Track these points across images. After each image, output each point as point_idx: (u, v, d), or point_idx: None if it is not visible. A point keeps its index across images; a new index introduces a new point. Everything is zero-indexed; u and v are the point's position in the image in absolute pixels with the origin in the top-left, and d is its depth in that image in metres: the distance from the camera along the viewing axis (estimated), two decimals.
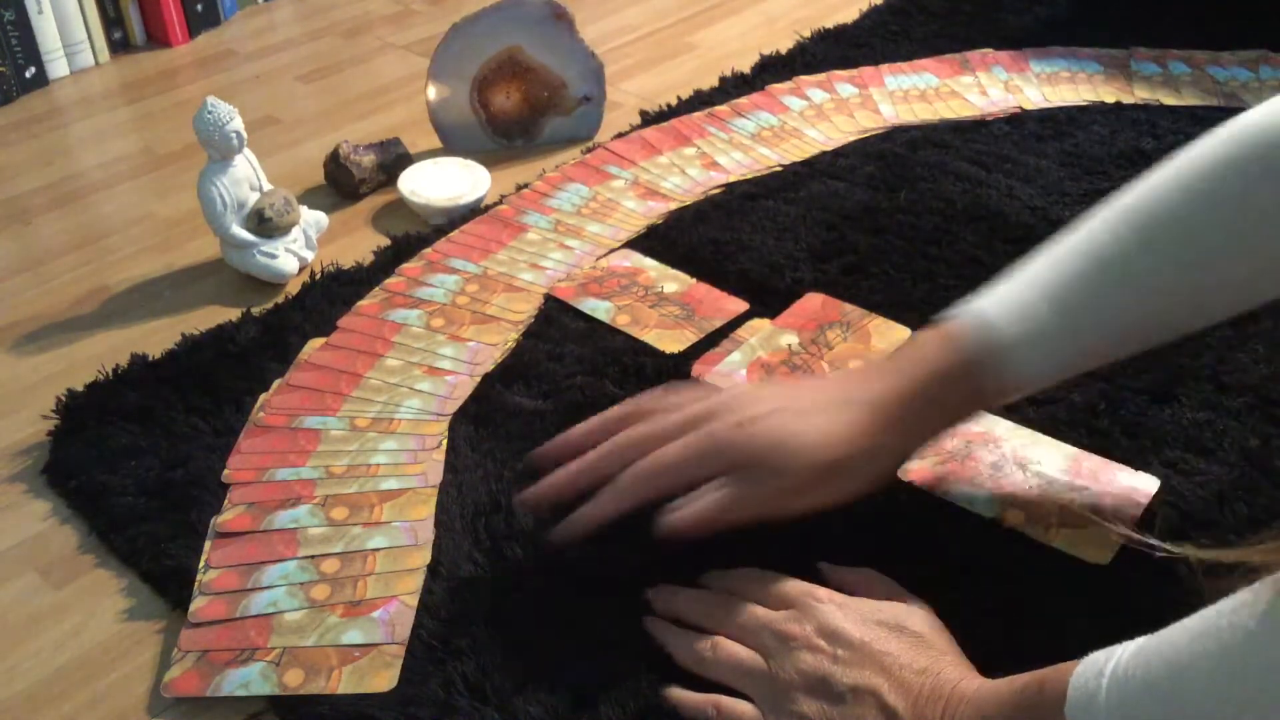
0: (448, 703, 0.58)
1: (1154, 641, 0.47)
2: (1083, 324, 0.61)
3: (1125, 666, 0.47)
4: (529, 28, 1.05)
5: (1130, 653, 0.48)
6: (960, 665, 0.57)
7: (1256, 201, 0.59)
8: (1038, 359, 0.62)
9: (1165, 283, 0.61)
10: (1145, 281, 0.61)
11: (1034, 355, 0.61)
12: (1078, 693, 0.48)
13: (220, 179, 0.88)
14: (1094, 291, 0.61)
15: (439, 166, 1.01)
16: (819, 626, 0.58)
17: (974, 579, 0.64)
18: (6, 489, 0.73)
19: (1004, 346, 0.61)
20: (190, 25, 1.31)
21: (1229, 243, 0.60)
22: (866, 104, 1.13)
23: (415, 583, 0.64)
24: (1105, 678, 0.48)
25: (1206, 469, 0.71)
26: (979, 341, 0.61)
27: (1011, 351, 0.61)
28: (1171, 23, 1.27)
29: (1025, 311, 0.61)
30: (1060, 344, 0.62)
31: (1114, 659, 0.48)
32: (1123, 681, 0.47)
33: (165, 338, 0.83)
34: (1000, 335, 0.61)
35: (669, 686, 0.58)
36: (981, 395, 0.63)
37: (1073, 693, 0.48)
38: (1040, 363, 0.62)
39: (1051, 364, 0.63)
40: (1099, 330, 0.62)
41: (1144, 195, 0.62)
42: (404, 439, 0.74)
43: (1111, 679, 0.47)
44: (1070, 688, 0.49)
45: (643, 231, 0.95)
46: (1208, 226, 0.60)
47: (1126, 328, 0.63)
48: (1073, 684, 0.49)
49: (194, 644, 0.61)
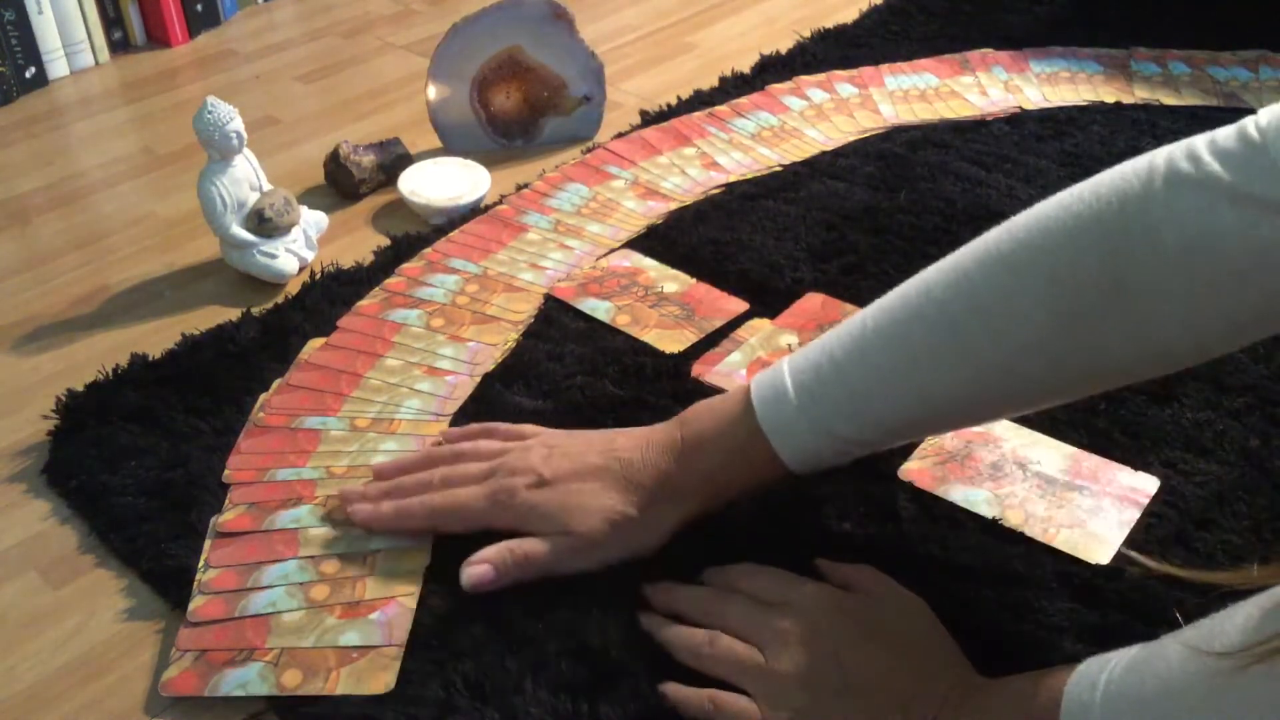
0: (448, 703, 0.58)
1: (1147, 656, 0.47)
2: (823, 411, 0.61)
3: (1119, 681, 0.47)
4: (529, 28, 1.05)
5: (1124, 666, 0.48)
6: (957, 663, 0.57)
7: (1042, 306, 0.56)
8: (788, 438, 0.62)
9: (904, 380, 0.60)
10: (880, 377, 0.60)
11: (783, 435, 0.62)
12: (1072, 703, 0.48)
13: (220, 179, 0.88)
14: (832, 378, 0.61)
15: (439, 166, 1.01)
16: (815, 621, 0.58)
17: (974, 579, 0.64)
18: (6, 489, 0.73)
19: (758, 420, 0.63)
20: (190, 25, 1.31)
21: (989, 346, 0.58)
22: (866, 104, 1.13)
23: (415, 584, 0.64)
24: (1099, 690, 0.48)
25: (1206, 469, 0.71)
26: (744, 413, 0.63)
27: (764, 426, 0.63)
28: (1171, 23, 1.27)
29: (775, 391, 0.63)
30: (804, 428, 0.62)
31: (1108, 670, 0.48)
32: (1116, 697, 0.47)
33: (165, 338, 0.83)
34: (758, 410, 0.63)
35: (667, 683, 0.58)
36: (759, 477, 0.64)
37: (1067, 703, 0.49)
38: (791, 442, 0.62)
39: (802, 445, 0.63)
40: (842, 419, 0.62)
41: (918, 283, 0.60)
42: (404, 439, 0.74)
43: (1105, 693, 0.47)
44: (1065, 697, 0.49)
45: (643, 231, 0.95)
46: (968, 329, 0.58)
47: (873, 418, 0.62)
48: (1067, 694, 0.49)
49: (192, 643, 0.61)
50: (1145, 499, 0.69)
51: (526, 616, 0.62)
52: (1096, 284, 0.55)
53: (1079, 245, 0.55)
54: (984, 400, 0.60)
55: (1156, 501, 0.69)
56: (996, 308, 0.57)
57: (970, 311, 0.58)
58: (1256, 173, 0.51)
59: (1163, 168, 0.54)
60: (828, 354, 0.62)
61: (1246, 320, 0.54)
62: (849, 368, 0.61)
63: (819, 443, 0.62)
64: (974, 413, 0.63)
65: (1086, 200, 0.56)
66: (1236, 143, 0.52)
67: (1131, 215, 0.54)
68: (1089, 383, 0.60)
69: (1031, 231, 0.57)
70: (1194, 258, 0.52)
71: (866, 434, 0.62)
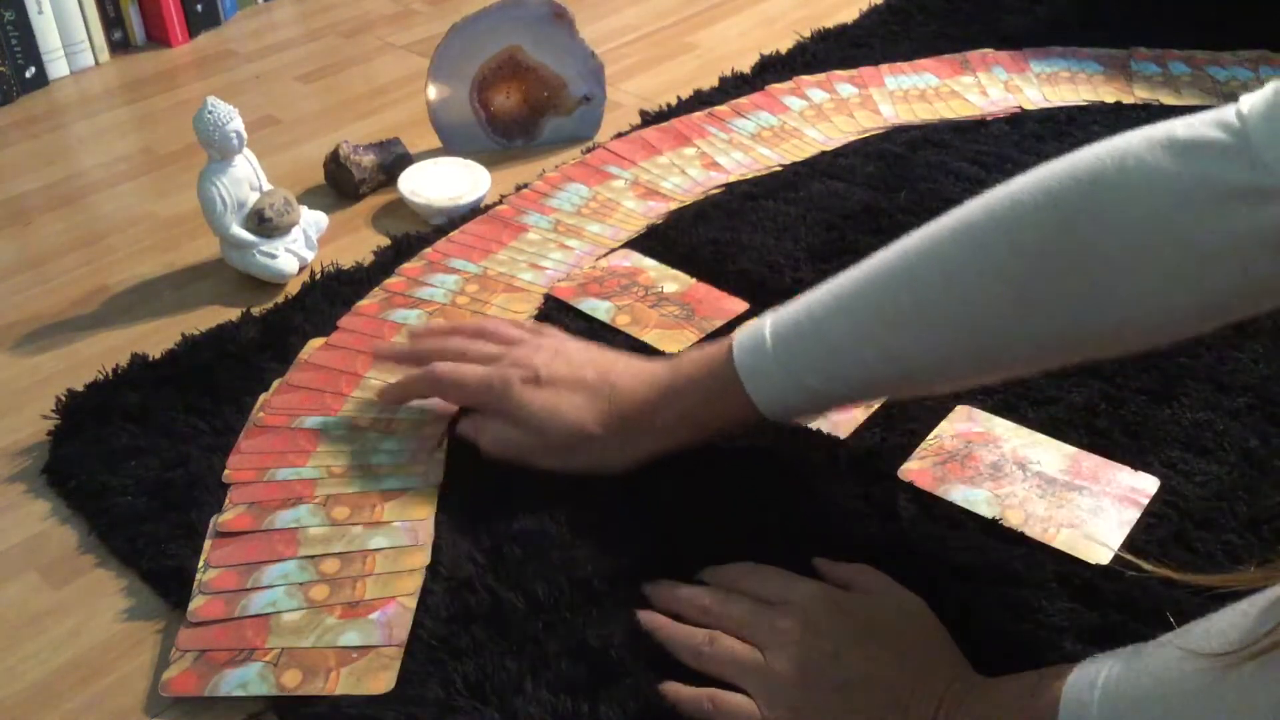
0: (448, 703, 0.58)
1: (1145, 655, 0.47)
2: (797, 364, 0.64)
3: (1117, 681, 0.47)
4: (529, 28, 1.05)
5: (1121, 666, 0.48)
6: (956, 661, 0.57)
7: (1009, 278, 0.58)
8: (762, 386, 0.65)
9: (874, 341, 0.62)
10: (854, 337, 0.63)
11: (758, 383, 0.65)
12: (1070, 703, 0.48)
13: (220, 179, 0.88)
14: (809, 334, 0.64)
15: (439, 166, 1.01)
16: (816, 621, 0.58)
17: (974, 579, 0.64)
18: (6, 489, 0.73)
19: (736, 367, 0.66)
20: (190, 25, 1.31)
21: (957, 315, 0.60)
22: (866, 104, 1.13)
23: (414, 584, 0.64)
24: (1097, 690, 0.48)
25: (1206, 469, 0.71)
26: (726, 358, 0.67)
27: (741, 373, 0.66)
28: (1171, 23, 1.27)
29: (754, 340, 0.66)
30: (780, 379, 0.65)
31: (1106, 670, 0.48)
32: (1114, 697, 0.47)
33: (165, 338, 0.83)
34: (736, 357, 0.66)
35: (667, 682, 0.58)
36: (721, 411, 0.68)
37: (1065, 703, 0.49)
38: (765, 391, 0.65)
39: (776, 395, 0.65)
40: (814, 374, 0.64)
41: (896, 248, 0.63)
42: (403, 439, 0.74)
43: (1103, 693, 0.47)
44: (1063, 697, 0.49)
45: (643, 231, 0.95)
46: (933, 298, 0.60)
47: (844, 376, 0.64)
48: (1065, 693, 0.49)
49: (192, 643, 0.61)
50: (1145, 499, 0.69)
51: (526, 616, 0.62)
52: (1057, 258, 0.56)
53: (1044, 220, 0.57)
54: (950, 365, 0.63)
55: (1156, 501, 0.69)
56: (963, 275, 0.59)
57: (940, 277, 0.60)
58: (1234, 160, 0.51)
59: (1138, 150, 0.55)
60: (807, 309, 0.64)
61: (1210, 305, 0.55)
62: (825, 323, 0.63)
63: (790, 392, 0.65)
64: (940, 377, 0.65)
65: (1059, 176, 0.57)
66: (1216, 129, 0.52)
67: (1101, 193, 0.55)
68: (1049, 355, 0.62)
69: (1003, 202, 0.59)
70: (1158, 239, 0.54)
71: (836, 388, 0.65)
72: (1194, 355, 0.79)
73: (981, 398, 0.77)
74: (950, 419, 0.75)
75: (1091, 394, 0.76)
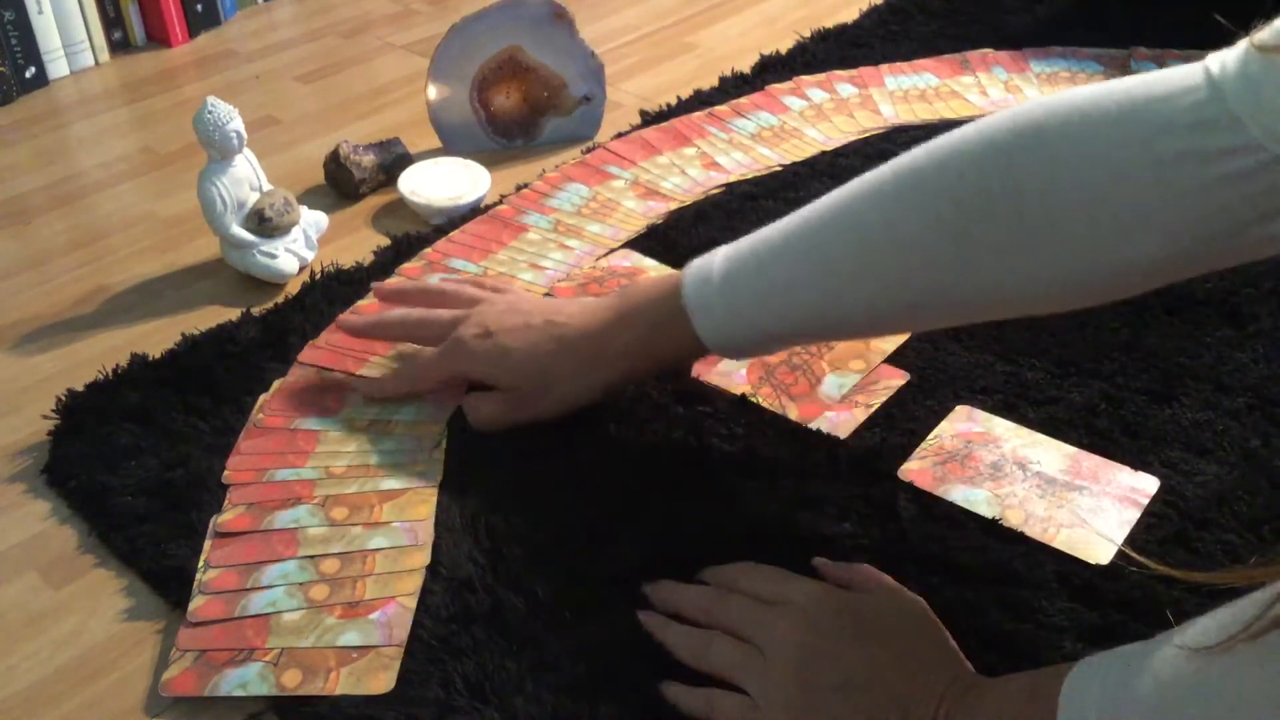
0: (448, 703, 0.58)
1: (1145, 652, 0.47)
2: (740, 300, 0.66)
3: (1116, 680, 0.47)
4: (529, 28, 1.05)
5: (1121, 665, 0.48)
6: (955, 661, 0.57)
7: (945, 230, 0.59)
8: (708, 320, 0.67)
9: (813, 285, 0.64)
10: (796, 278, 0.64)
11: (704, 316, 0.67)
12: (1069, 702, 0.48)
13: (220, 179, 0.88)
14: (753, 271, 0.65)
15: (439, 166, 1.01)
16: (814, 621, 0.58)
17: (974, 579, 0.64)
18: (6, 489, 0.73)
19: (690, 310, 0.67)
20: (190, 25, 1.31)
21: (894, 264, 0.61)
22: (866, 104, 1.13)
23: (414, 584, 0.64)
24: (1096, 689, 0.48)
25: (1206, 469, 0.71)
26: (676, 290, 0.68)
27: (688, 306, 0.67)
28: (1171, 23, 1.27)
29: (703, 274, 0.67)
30: (724, 314, 0.66)
31: (1105, 669, 0.48)
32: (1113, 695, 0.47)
33: (165, 338, 0.83)
34: (684, 290, 0.67)
35: (666, 682, 0.58)
36: (671, 342, 0.70)
37: (1065, 700, 0.49)
38: (711, 325, 0.67)
39: (722, 329, 0.67)
40: (758, 310, 0.66)
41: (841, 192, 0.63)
42: (402, 439, 0.74)
43: (1102, 694, 0.47)
44: (1063, 695, 0.49)
45: (643, 231, 0.95)
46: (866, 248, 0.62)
47: (785, 315, 0.65)
48: (1065, 691, 0.49)
49: (192, 643, 0.61)
50: (1145, 499, 0.69)
51: (526, 616, 0.62)
52: (998, 207, 0.57)
53: (987, 168, 0.57)
54: (888, 311, 0.64)
55: (1156, 501, 0.69)
56: (902, 222, 0.60)
57: (880, 224, 0.61)
58: (1206, 112, 0.52)
59: (1089, 101, 0.55)
60: (753, 247, 0.66)
61: (1152, 263, 0.56)
62: (769, 261, 0.65)
63: (734, 327, 0.67)
64: (879, 322, 0.67)
65: (1002, 126, 0.58)
66: (1182, 85, 0.53)
67: (1045, 145, 0.56)
68: (987, 307, 0.63)
69: (945, 151, 0.59)
70: (1103, 193, 0.54)
71: (778, 327, 0.66)
72: (1194, 355, 0.79)
73: (981, 398, 0.77)
74: (950, 419, 0.75)
75: (1091, 394, 0.76)
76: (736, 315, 0.66)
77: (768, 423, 0.75)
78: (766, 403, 0.76)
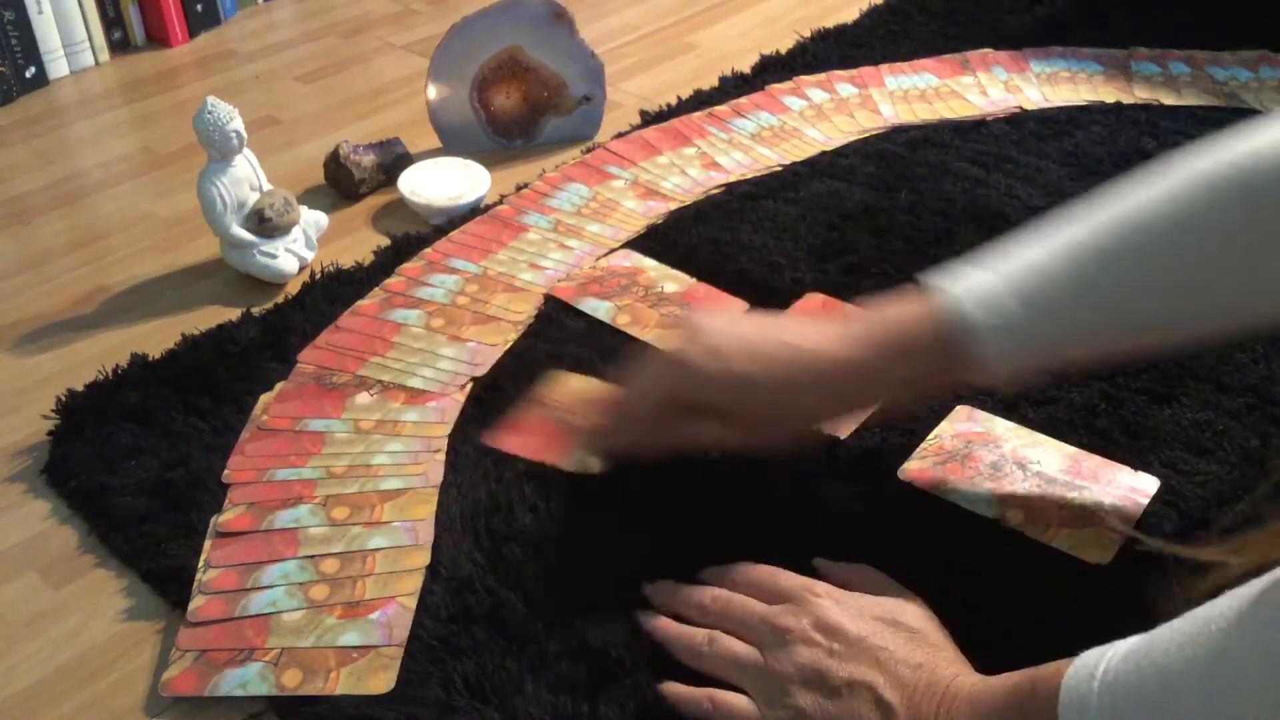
0: (448, 703, 0.58)
1: (1144, 645, 0.47)
2: (1049, 325, 0.62)
3: (1116, 671, 0.47)
4: (529, 28, 1.05)
5: (1121, 655, 0.48)
6: (956, 661, 0.57)
7: (1246, 230, 0.58)
8: (1005, 350, 0.62)
9: (1140, 296, 0.61)
10: (1119, 292, 0.61)
11: (1001, 347, 0.61)
12: (1070, 695, 0.48)
13: (220, 179, 0.88)
14: (1067, 293, 0.61)
15: (439, 166, 1.01)
16: (815, 621, 0.58)
17: (974, 579, 0.64)
18: (6, 489, 0.73)
19: (973, 332, 0.61)
20: (190, 25, 1.31)
21: (1211, 265, 0.59)
22: (866, 104, 1.13)
23: (414, 584, 0.64)
24: (1097, 681, 0.48)
25: (1206, 469, 0.71)
26: (950, 322, 0.62)
27: (980, 338, 0.61)
28: (1171, 23, 1.27)
29: (996, 303, 0.61)
30: (1027, 341, 0.62)
31: (1105, 661, 0.48)
32: (1114, 686, 0.47)
33: (165, 338, 0.83)
34: (971, 322, 0.61)
35: (666, 682, 0.58)
36: (945, 375, 0.65)
37: (1065, 695, 0.49)
38: (1007, 355, 0.62)
39: (1016, 358, 0.63)
40: (1065, 333, 0.62)
41: (1134, 203, 0.61)
42: (409, 440, 0.74)
43: (1103, 683, 0.47)
44: (1062, 690, 0.49)
45: (643, 231, 0.95)
46: (1193, 247, 0.60)
47: (1094, 334, 0.63)
48: (1064, 686, 0.49)
49: (192, 643, 0.61)
50: (1145, 499, 0.69)
51: (526, 616, 0.62)
52: None
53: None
54: (1186, 323, 0.62)
55: (1156, 501, 0.69)
56: (1208, 232, 0.59)
57: (1182, 232, 0.59)
58: None
59: None
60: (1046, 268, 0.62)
61: None
62: (1072, 282, 0.61)
63: (1034, 348, 0.62)
64: (1173, 331, 0.64)
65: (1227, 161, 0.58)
66: None
67: None
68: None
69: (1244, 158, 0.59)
70: None
71: (1076, 346, 0.63)
72: (1194, 355, 0.79)
73: (982, 398, 0.77)
74: (950, 419, 0.75)
75: (1091, 394, 0.76)
76: (1038, 335, 0.62)
77: None
78: None
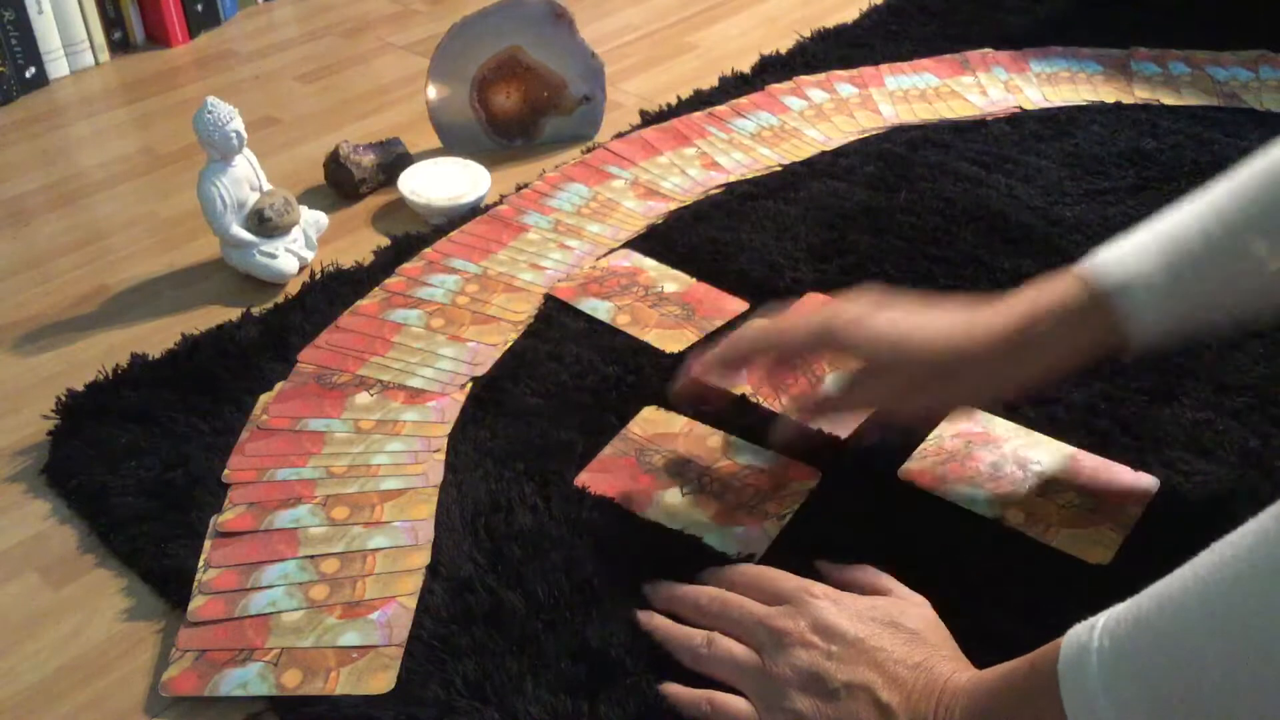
0: (448, 703, 0.58)
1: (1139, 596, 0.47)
2: (1193, 284, 0.62)
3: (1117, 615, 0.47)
4: (529, 28, 1.05)
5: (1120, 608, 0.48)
6: (953, 659, 0.57)
7: None
8: (1153, 313, 0.63)
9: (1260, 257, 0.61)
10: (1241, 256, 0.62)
11: (1150, 308, 0.62)
12: (1070, 648, 0.48)
13: (220, 179, 0.88)
14: (1199, 256, 0.62)
15: (439, 166, 1.01)
16: (813, 622, 0.58)
17: (974, 579, 0.64)
18: (6, 489, 0.73)
19: (1123, 297, 0.62)
20: (190, 25, 1.31)
21: None
22: (866, 104, 1.13)
23: (414, 583, 0.64)
24: (1097, 629, 0.48)
25: (1206, 469, 0.71)
26: (1103, 288, 0.63)
27: (1132, 298, 0.62)
28: (1171, 23, 1.27)
29: (1139, 266, 0.63)
30: (1172, 303, 0.63)
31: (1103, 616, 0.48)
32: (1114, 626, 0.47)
33: (165, 338, 0.83)
34: (1120, 286, 0.62)
35: (665, 683, 0.58)
36: (1100, 341, 0.64)
37: (1064, 652, 0.48)
38: (1155, 318, 0.63)
39: (1162, 323, 0.63)
40: (1206, 299, 0.63)
41: (1247, 172, 0.62)
42: (410, 439, 0.74)
43: (1104, 628, 0.47)
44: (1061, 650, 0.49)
45: (643, 231, 0.95)
46: None
47: (1227, 294, 0.63)
48: (1065, 642, 0.49)
49: (192, 643, 0.61)
50: (1145, 499, 0.69)
51: (526, 616, 0.62)
52: None
53: None
54: None
55: (1156, 501, 0.69)
56: None
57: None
58: None
59: None
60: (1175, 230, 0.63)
61: None
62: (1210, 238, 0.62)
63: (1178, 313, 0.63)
64: None
65: None
66: None
67: None
68: None
69: None
70: None
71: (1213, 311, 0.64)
72: (1194, 355, 0.79)
73: None
74: (950, 419, 0.75)
75: (1091, 394, 0.76)
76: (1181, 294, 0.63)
77: (768, 422, 0.74)
78: (767, 403, 0.76)
